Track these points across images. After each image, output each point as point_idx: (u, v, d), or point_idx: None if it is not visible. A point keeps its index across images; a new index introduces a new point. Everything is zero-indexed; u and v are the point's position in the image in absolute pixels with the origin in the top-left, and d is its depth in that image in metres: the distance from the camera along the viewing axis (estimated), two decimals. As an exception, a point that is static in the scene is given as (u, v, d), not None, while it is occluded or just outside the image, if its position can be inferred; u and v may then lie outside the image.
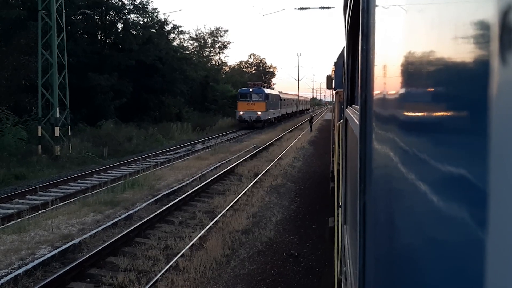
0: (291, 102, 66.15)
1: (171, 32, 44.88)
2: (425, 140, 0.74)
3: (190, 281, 7.43)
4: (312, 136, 34.16)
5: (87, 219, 10.78)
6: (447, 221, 0.58)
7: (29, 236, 9.43)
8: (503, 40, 0.38)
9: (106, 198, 12.47)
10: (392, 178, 1.08)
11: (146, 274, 7.90)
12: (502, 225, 0.38)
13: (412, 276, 0.84)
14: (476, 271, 0.44)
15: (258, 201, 12.87)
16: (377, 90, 1.48)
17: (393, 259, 1.08)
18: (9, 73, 23.78)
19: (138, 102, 34.86)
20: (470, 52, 0.48)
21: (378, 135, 1.40)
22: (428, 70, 0.71)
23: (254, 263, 8.37)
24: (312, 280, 7.75)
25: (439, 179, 0.63)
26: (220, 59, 66.01)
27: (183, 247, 8.95)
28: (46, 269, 7.99)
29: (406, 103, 0.93)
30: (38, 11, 21.42)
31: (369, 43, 1.73)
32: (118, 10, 35.31)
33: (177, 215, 11.65)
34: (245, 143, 28.36)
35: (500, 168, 0.39)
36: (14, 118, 22.20)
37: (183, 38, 54.61)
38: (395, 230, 1.06)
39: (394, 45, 1.12)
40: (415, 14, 0.85)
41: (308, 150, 25.95)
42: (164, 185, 14.97)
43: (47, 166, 18.82)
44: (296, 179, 16.81)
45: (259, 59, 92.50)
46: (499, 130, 0.39)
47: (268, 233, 9.98)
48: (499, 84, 0.39)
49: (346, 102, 4.26)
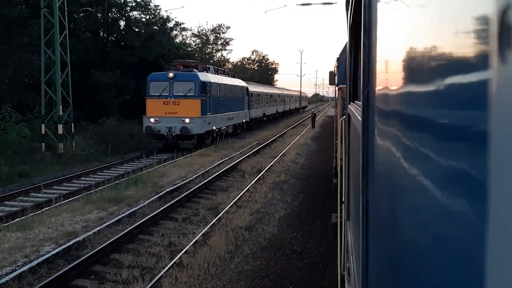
0: (273, 100, 46.79)
1: (174, 29, 44.80)
2: (427, 136, 0.74)
3: (194, 278, 7.44)
4: (315, 132, 34.11)
5: (91, 216, 10.81)
6: (449, 216, 0.58)
7: (33, 233, 9.46)
8: (502, 38, 0.38)
9: (110, 195, 12.49)
10: (394, 174, 1.08)
11: (150, 270, 7.92)
12: (504, 221, 0.39)
13: (414, 271, 0.84)
14: (478, 266, 0.44)
15: (261, 198, 12.88)
16: (379, 86, 1.48)
17: (395, 254, 1.08)
18: (12, 71, 23.79)
19: (141, 99, 34.84)
20: (471, 48, 0.48)
21: (380, 131, 1.40)
22: (430, 66, 0.72)
23: (257, 259, 8.38)
24: (315, 276, 7.75)
25: (441, 175, 0.63)
26: (222, 55, 65.94)
27: (187, 244, 8.97)
28: (51, 266, 8.02)
29: (408, 99, 0.93)
30: (40, 9, 21.42)
31: (371, 39, 1.72)
32: (120, 7, 35.27)
33: (181, 212, 11.67)
34: (248, 140, 28.35)
35: (501, 164, 0.40)
36: (17, 116, 22.25)
37: (186, 35, 54.59)
38: (397, 226, 1.06)
39: (396, 41, 1.12)
40: (417, 10, 0.85)
41: (311, 146, 25.93)
42: (167, 182, 14.98)
43: (51, 164, 18.86)
44: (299, 175, 16.81)
45: (262, 56, 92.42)
46: (499, 126, 0.40)
47: (272, 230, 9.99)
48: (498, 81, 0.39)
49: (349, 98, 4.25)
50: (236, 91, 30.85)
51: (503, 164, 0.39)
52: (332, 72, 16.38)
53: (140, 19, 37.55)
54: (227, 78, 29.66)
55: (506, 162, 0.38)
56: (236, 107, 30.36)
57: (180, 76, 23.28)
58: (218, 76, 27.53)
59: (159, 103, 23.01)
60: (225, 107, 27.36)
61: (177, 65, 25.12)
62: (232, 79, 31.36)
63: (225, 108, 27.36)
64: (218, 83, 26.44)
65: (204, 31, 62.56)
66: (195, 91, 23.01)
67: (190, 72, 23.95)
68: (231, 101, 29.02)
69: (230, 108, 28.65)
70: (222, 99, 26.80)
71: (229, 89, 29.02)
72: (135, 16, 37.12)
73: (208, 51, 60.79)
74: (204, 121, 23.47)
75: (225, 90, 27.95)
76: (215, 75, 27.01)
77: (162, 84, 23.15)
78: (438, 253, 0.65)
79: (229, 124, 28.81)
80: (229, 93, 28.72)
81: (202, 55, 55.21)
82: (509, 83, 0.37)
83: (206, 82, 23.99)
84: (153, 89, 23.32)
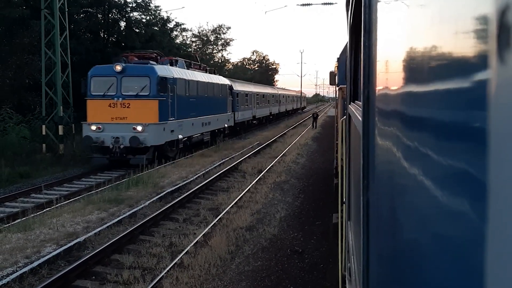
0: (265, 100, 41.95)
1: (174, 30, 44.90)
2: (427, 136, 0.74)
3: (194, 278, 7.45)
4: (315, 133, 34.13)
5: (91, 217, 10.81)
6: (450, 216, 0.58)
7: (34, 234, 9.46)
8: (501, 39, 0.38)
9: (111, 196, 12.50)
10: (395, 174, 1.08)
11: (151, 271, 7.93)
12: (504, 221, 0.39)
13: (415, 271, 0.84)
14: (479, 266, 0.44)
15: (262, 198, 12.88)
16: (379, 86, 1.48)
17: (396, 254, 1.08)
18: (13, 72, 23.83)
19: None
20: (470, 49, 0.49)
21: (381, 131, 1.40)
22: (430, 66, 0.72)
23: (258, 260, 8.38)
24: (316, 277, 7.75)
25: (441, 175, 0.64)
26: (223, 56, 66.06)
27: (188, 244, 8.97)
28: (52, 267, 8.02)
29: (409, 99, 0.93)
30: (41, 10, 21.46)
31: (371, 39, 1.73)
32: (120, 8, 35.33)
33: (181, 213, 11.67)
34: (249, 140, 28.35)
35: (501, 163, 0.40)
36: (17, 117, 22.27)
37: (186, 35, 54.67)
38: (398, 226, 1.06)
39: (396, 41, 1.12)
40: (417, 10, 0.85)
41: (312, 146, 25.94)
42: (168, 182, 14.99)
43: (51, 165, 18.86)
44: (300, 175, 16.81)
45: (262, 56, 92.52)
46: (499, 126, 0.40)
47: (272, 230, 9.99)
48: (498, 81, 0.39)
49: (349, 98, 4.25)
50: (215, 90, 25.83)
51: (502, 164, 0.39)
52: (333, 72, 16.39)
53: (141, 19, 37.62)
54: (202, 74, 24.36)
55: (505, 162, 0.39)
56: (215, 110, 25.47)
57: (131, 70, 18.02)
58: (188, 71, 22.31)
59: (103, 106, 17.83)
60: (198, 110, 22.24)
61: (130, 57, 19.72)
62: (209, 75, 26.15)
63: (198, 111, 22.25)
64: (186, 79, 21.06)
65: (205, 32, 62.70)
66: (150, 90, 17.81)
67: (144, 65, 18.67)
68: (207, 102, 23.93)
69: (205, 111, 23.45)
70: (193, 100, 21.77)
71: (204, 88, 23.76)
72: (136, 16, 37.20)
73: (208, 52, 60.87)
74: (163, 129, 18.36)
75: (199, 88, 22.70)
76: (184, 70, 21.82)
77: (108, 81, 17.95)
78: (438, 253, 0.65)
79: (205, 131, 23.74)
80: (204, 92, 23.58)
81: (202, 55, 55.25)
82: (508, 83, 0.38)
83: (168, 78, 18.76)
84: (95, 87, 18.15)
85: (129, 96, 17.83)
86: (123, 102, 17.77)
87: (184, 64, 22.91)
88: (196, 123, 22.15)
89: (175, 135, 19.41)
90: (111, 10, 35.16)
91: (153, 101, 17.88)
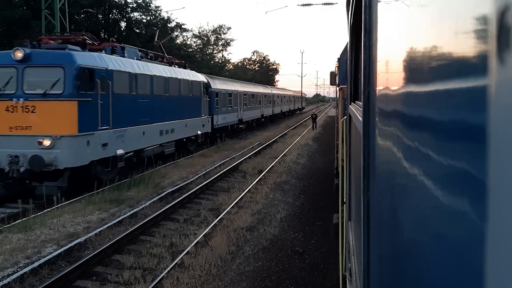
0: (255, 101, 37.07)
1: (174, 30, 44.89)
2: (427, 136, 0.74)
3: (195, 278, 7.45)
4: (316, 133, 34.13)
5: (92, 218, 10.81)
6: (450, 217, 0.58)
7: (34, 235, 9.46)
8: (500, 39, 0.38)
9: (111, 196, 12.50)
10: (395, 174, 1.08)
11: (151, 271, 7.93)
12: (505, 220, 0.39)
13: (415, 271, 0.84)
14: (479, 266, 0.44)
15: (263, 198, 12.88)
16: (380, 86, 1.48)
17: (396, 254, 1.08)
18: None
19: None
20: (470, 49, 0.49)
21: (381, 131, 1.40)
22: (430, 66, 0.72)
23: (259, 260, 8.38)
24: (317, 277, 7.75)
25: (441, 175, 0.64)
26: (223, 56, 66.09)
27: (188, 245, 8.97)
28: (52, 268, 8.02)
29: (409, 99, 0.93)
30: (41, 11, 21.49)
31: (371, 39, 1.73)
32: (121, 8, 35.38)
33: (182, 213, 11.67)
34: (249, 140, 28.35)
35: (501, 163, 0.40)
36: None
37: (186, 36, 54.68)
38: (398, 226, 1.07)
39: (396, 41, 1.12)
40: (417, 10, 0.86)
41: (312, 146, 25.94)
42: (169, 182, 14.99)
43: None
44: (300, 175, 16.81)
45: (262, 56, 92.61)
46: (499, 126, 0.40)
47: (273, 230, 9.99)
48: (497, 81, 0.40)
49: (350, 98, 4.26)
50: (181, 88, 20.36)
51: (502, 164, 0.39)
52: (333, 73, 16.41)
53: (141, 20, 37.65)
54: (161, 67, 18.95)
55: (505, 162, 0.39)
56: (182, 113, 20.02)
57: (38, 58, 12.66)
58: (139, 62, 17.00)
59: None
60: (153, 114, 17.08)
61: (44, 40, 14.19)
62: (175, 69, 20.77)
63: (153, 116, 17.08)
64: (132, 72, 15.66)
65: (205, 32, 62.72)
66: (65, 86, 12.53)
67: (58, 50, 13.17)
68: (169, 104, 18.69)
69: (166, 115, 18.29)
70: (145, 101, 16.51)
71: (164, 85, 18.43)
72: (136, 17, 37.24)
73: (209, 52, 60.92)
74: (87, 143, 12.98)
75: (154, 85, 17.35)
76: (131, 61, 16.23)
77: (3, 73, 12.66)
78: (439, 253, 0.65)
79: (165, 141, 18.50)
80: (163, 91, 18.32)
81: (203, 55, 55.31)
82: (507, 83, 0.38)
83: (96, 70, 13.38)
84: None
85: (34, 95, 12.53)
86: (25, 105, 12.47)
87: (138, 53, 18.07)
88: (150, 131, 16.91)
89: (110, 150, 14.10)
90: (111, 11, 35.22)
91: (69, 103, 12.56)
